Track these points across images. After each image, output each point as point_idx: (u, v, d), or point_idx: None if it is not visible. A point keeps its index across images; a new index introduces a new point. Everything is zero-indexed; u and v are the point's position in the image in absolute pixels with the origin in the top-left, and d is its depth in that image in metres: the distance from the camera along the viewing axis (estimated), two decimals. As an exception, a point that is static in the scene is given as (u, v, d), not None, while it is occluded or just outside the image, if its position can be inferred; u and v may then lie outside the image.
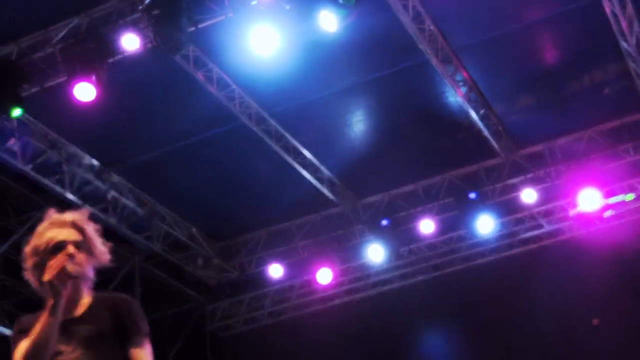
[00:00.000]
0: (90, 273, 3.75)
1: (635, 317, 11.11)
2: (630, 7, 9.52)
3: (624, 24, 9.60)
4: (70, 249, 3.63)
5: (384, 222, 12.31)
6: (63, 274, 3.53)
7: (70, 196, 11.04)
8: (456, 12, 9.70)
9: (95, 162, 11.16)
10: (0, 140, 10.26)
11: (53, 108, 9.96)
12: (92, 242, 3.79)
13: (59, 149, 10.84)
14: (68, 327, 3.59)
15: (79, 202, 11.19)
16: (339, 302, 13.44)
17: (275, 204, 12.51)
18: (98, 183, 11.31)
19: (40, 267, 3.63)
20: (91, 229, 3.80)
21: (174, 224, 12.58)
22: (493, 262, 12.80)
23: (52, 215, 3.79)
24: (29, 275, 3.71)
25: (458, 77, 10.39)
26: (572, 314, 11.54)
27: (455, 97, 10.62)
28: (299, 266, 13.06)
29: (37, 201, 11.28)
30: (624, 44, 9.94)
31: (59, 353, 3.55)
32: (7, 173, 10.73)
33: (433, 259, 13.07)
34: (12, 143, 10.37)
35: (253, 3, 8.80)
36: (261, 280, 13.45)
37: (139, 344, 3.67)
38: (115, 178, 11.49)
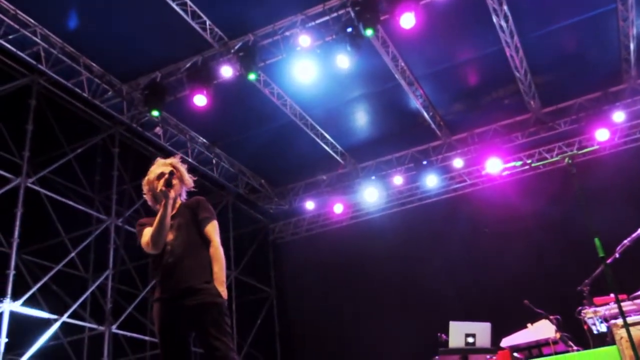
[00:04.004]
0: (181, 190, 3.83)
1: (508, 229, 11.09)
2: (521, 52, 9.48)
3: (517, 62, 9.57)
4: (168, 175, 3.72)
5: (373, 178, 12.31)
6: (166, 186, 3.64)
7: (192, 161, 11.14)
8: (417, 56, 9.62)
9: (205, 140, 11.22)
10: (150, 128, 10.38)
11: (181, 109, 10.03)
12: (182, 173, 3.86)
13: (185, 134, 10.91)
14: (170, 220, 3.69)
15: (197, 165, 11.28)
16: (346, 224, 13.41)
17: (309, 166, 12.47)
18: (207, 153, 11.39)
19: (152, 188, 3.79)
20: (182, 167, 3.87)
21: (252, 177, 12.65)
22: (435, 201, 12.74)
23: (158, 160, 3.91)
24: (146, 196, 3.85)
25: (417, 93, 10.33)
26: (476, 226, 11.50)
27: (415, 104, 10.55)
28: (323, 202, 13.03)
29: (172, 164, 11.35)
30: (516, 74, 9.88)
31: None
32: (153, 146, 10.87)
33: (401, 200, 13.02)
34: (157, 130, 10.47)
35: (298, 49, 8.77)
36: (301, 210, 13.44)
37: (207, 223, 3.72)
38: (218, 150, 11.58)
